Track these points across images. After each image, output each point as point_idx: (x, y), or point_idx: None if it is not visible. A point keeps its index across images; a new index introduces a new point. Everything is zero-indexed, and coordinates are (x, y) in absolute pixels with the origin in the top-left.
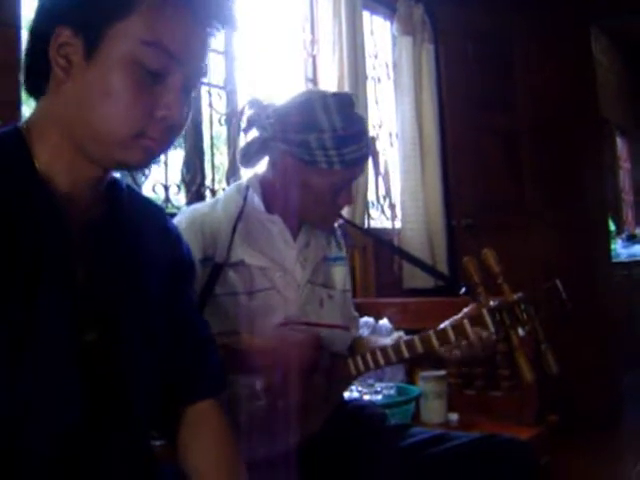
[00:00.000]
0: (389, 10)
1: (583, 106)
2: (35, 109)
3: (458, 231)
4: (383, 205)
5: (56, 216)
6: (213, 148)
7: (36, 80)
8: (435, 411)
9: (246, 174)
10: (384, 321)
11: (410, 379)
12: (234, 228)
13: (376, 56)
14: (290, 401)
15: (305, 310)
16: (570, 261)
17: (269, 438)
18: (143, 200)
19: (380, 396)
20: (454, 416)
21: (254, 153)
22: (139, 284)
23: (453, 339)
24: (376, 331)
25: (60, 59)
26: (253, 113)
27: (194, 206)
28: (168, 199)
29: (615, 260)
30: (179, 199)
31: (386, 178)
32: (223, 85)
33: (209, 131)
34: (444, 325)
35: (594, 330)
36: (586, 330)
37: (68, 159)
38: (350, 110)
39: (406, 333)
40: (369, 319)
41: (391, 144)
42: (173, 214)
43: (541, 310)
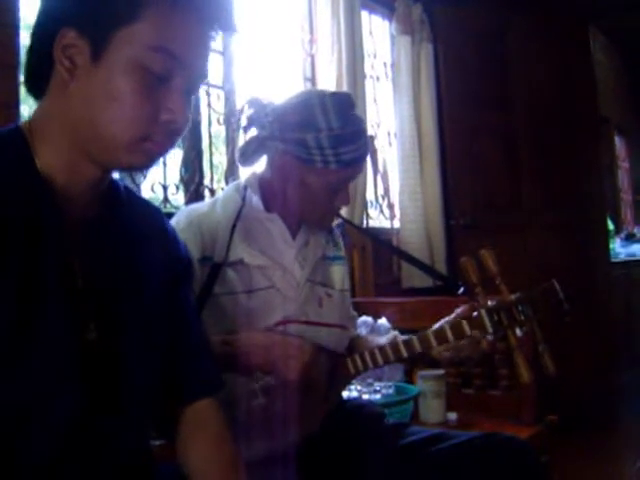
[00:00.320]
0: (388, 10)
1: (582, 105)
2: (37, 109)
3: (457, 230)
4: (382, 204)
5: (56, 215)
6: (212, 148)
7: (37, 80)
8: (434, 410)
9: (245, 174)
10: (383, 320)
11: (409, 378)
12: (233, 227)
13: (375, 55)
14: (289, 400)
15: (304, 309)
16: (569, 260)
17: (268, 437)
18: (140, 201)
19: (379, 395)
20: (453, 415)
21: (253, 152)
22: (137, 284)
23: (452, 339)
24: (375, 330)
25: (65, 60)
26: (252, 112)
27: (192, 206)
28: (167, 199)
29: (614, 259)
30: (178, 199)
31: (385, 177)
32: (222, 85)
33: (208, 131)
34: (441, 325)
35: (593, 329)
36: (585, 329)
37: (69, 159)
38: (348, 110)
39: (404, 332)
40: (368, 318)
41: (390, 143)
42: (171, 214)
43: (539, 310)
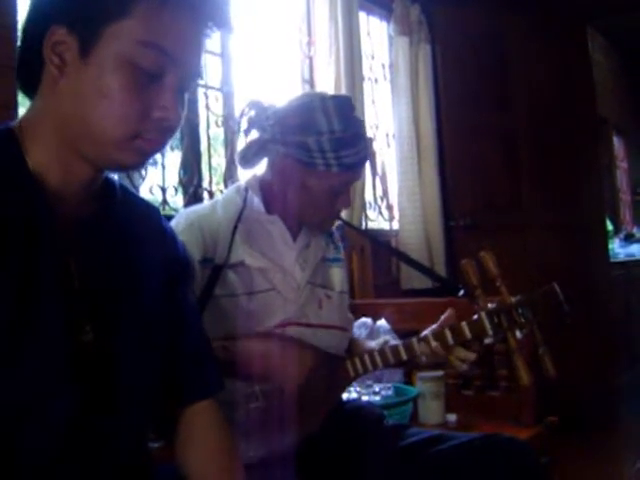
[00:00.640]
0: (385, 11)
1: (580, 106)
2: (28, 108)
3: (456, 232)
4: (380, 206)
5: (49, 215)
6: (210, 150)
7: (30, 79)
8: (433, 412)
9: (243, 176)
10: (382, 322)
11: (408, 379)
12: (234, 229)
13: (373, 57)
14: (288, 403)
15: (304, 311)
16: (568, 261)
17: (267, 439)
18: (137, 200)
19: (378, 397)
20: (452, 417)
21: (253, 154)
22: (134, 283)
23: (451, 342)
24: (374, 332)
25: (54, 57)
26: (253, 115)
27: (193, 208)
28: (165, 201)
29: (613, 260)
30: (176, 201)
31: (383, 179)
32: (220, 87)
33: (206, 133)
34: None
35: (592, 329)
36: (584, 329)
37: (61, 158)
38: (349, 113)
39: (404, 334)
40: (367, 320)
41: (388, 145)
42: (171, 216)
43: (539, 313)
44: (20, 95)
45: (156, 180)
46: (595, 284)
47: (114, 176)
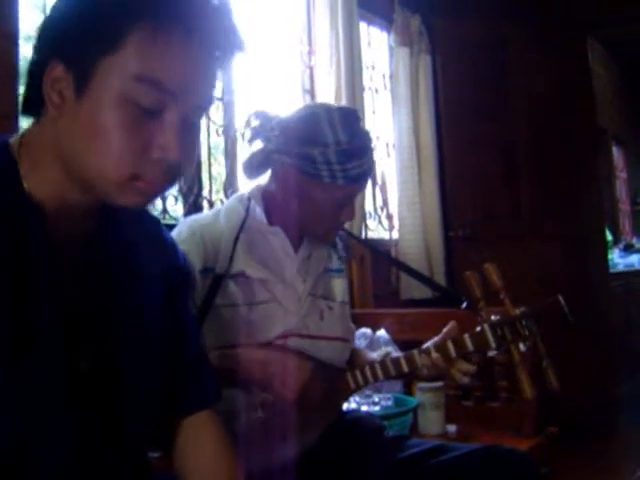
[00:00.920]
0: (386, 21)
1: (580, 116)
2: (29, 132)
3: (455, 242)
4: (380, 215)
5: (45, 236)
6: (211, 159)
7: (33, 108)
8: (433, 422)
9: (244, 185)
10: (381, 332)
11: (408, 390)
12: (236, 239)
13: (373, 67)
14: (287, 414)
15: (305, 322)
16: (567, 271)
17: (267, 450)
18: (139, 215)
19: (378, 407)
20: (452, 427)
21: (257, 165)
22: (135, 297)
23: (454, 355)
24: (373, 342)
25: (53, 94)
26: (258, 124)
27: (194, 217)
28: (165, 210)
29: (612, 270)
30: (176, 210)
31: (383, 188)
32: (221, 96)
33: (207, 142)
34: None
35: (592, 340)
36: (584, 340)
37: (58, 186)
38: (355, 125)
39: (403, 344)
40: (367, 330)
41: (388, 154)
42: (170, 225)
43: (542, 325)
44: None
45: None
46: (595, 294)
47: None
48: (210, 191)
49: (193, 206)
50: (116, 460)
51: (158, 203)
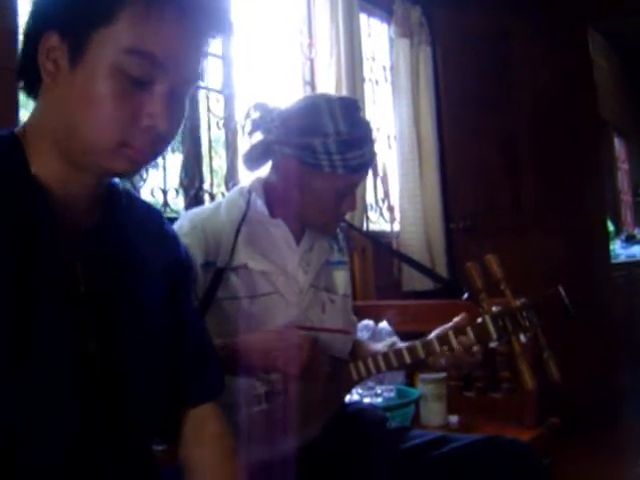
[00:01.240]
0: (386, 13)
1: (581, 108)
2: (31, 113)
3: (457, 234)
4: (381, 208)
5: (52, 222)
6: (211, 152)
7: (30, 84)
8: (435, 413)
9: (244, 178)
10: (384, 324)
11: (410, 381)
12: (237, 232)
13: (373, 59)
14: (290, 404)
15: (307, 314)
16: (569, 263)
17: (269, 442)
18: (140, 203)
19: (380, 399)
20: (454, 418)
21: (258, 156)
22: (138, 288)
23: (455, 345)
24: (376, 334)
25: (48, 64)
26: (258, 116)
27: (195, 210)
28: (167, 203)
29: (614, 261)
30: (177, 203)
31: (384, 181)
32: (221, 89)
33: (207, 135)
34: (444, 331)
35: (594, 331)
36: (586, 331)
37: (59, 166)
38: (355, 114)
39: (405, 335)
40: (369, 322)
41: (389, 146)
42: (172, 218)
43: (543, 316)
44: (22, 97)
45: (157, 182)
46: (596, 285)
47: (117, 180)
48: (211, 184)
49: (194, 199)
50: (119, 451)
51: (159, 196)
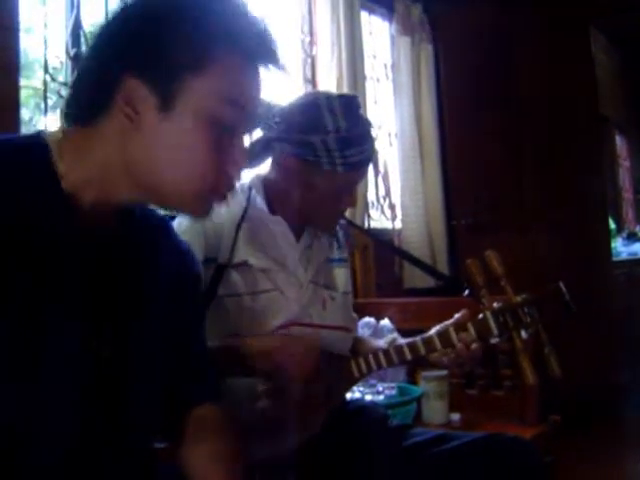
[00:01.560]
0: (387, 10)
1: (583, 105)
2: (75, 132)
3: (458, 231)
4: (383, 205)
5: (77, 234)
6: None
7: (85, 112)
8: (437, 411)
9: (244, 174)
10: (385, 321)
11: (412, 379)
12: (237, 229)
13: (375, 56)
14: (291, 403)
15: (308, 311)
16: (570, 260)
17: (270, 440)
18: (152, 214)
19: (382, 396)
20: (456, 416)
21: (258, 153)
22: (150, 297)
23: (456, 341)
24: (377, 331)
25: (126, 108)
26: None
27: None
28: None
29: (615, 259)
30: None
31: (386, 178)
32: None
33: None
34: (445, 328)
35: (594, 328)
36: (586, 328)
37: (97, 189)
38: (356, 111)
39: (407, 333)
40: (370, 319)
41: (390, 144)
42: (174, 216)
43: (544, 313)
44: (22, 94)
45: None
46: (597, 283)
47: None
48: None
49: None
50: (120, 451)
51: None
